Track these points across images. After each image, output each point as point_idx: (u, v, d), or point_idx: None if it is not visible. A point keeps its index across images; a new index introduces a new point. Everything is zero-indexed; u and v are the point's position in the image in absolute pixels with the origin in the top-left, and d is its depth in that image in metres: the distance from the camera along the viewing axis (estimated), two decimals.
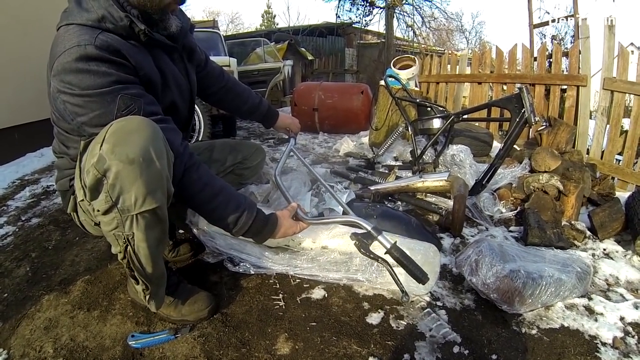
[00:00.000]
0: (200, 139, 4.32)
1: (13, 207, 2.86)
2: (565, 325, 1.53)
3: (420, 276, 1.39)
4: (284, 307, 1.61)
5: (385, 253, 1.43)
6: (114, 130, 1.13)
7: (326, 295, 1.67)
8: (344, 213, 1.92)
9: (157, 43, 1.38)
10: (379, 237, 1.43)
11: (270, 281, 1.76)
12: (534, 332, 1.48)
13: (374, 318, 1.53)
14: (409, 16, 13.66)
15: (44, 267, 1.99)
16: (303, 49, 14.54)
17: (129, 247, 1.23)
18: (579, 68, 3.88)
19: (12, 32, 4.04)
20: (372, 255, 1.44)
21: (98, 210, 1.19)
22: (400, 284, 1.41)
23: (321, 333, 1.46)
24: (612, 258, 2.04)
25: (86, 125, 1.22)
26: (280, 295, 1.67)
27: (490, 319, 1.54)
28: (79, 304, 1.67)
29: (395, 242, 1.43)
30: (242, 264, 1.80)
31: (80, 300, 1.69)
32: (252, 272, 1.78)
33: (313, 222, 1.64)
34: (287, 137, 2.21)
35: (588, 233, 2.22)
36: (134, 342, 1.43)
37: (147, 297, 1.38)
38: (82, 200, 1.27)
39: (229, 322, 1.53)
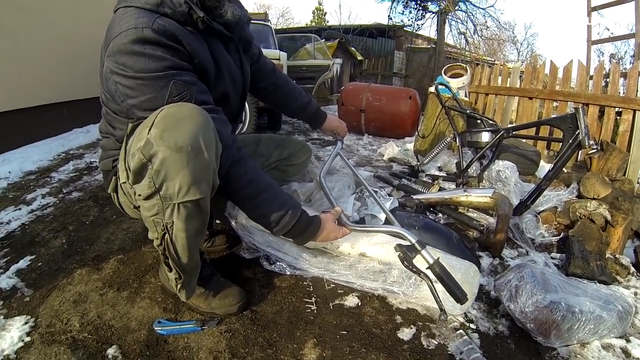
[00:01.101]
0: (245, 130, 4.36)
1: (56, 179, 2.95)
2: None
3: (459, 295, 1.38)
4: (315, 311, 1.60)
5: (427, 268, 1.43)
6: (164, 115, 1.13)
7: (360, 304, 1.66)
8: (387, 221, 1.92)
9: (214, 32, 1.38)
10: (422, 252, 1.43)
11: (304, 283, 1.76)
12: None
13: (406, 333, 1.51)
14: (462, 23, 13.41)
15: (80, 242, 2.04)
16: (353, 48, 14.48)
17: (166, 234, 1.24)
18: (637, 91, 3.73)
19: (65, 11, 4.17)
20: (414, 269, 1.44)
21: (139, 195, 1.20)
22: (440, 301, 1.40)
23: (350, 343, 1.45)
24: None
25: (136, 107, 1.23)
26: (313, 298, 1.67)
27: (523, 350, 1.50)
28: (109, 282, 1.70)
29: (438, 258, 1.42)
30: (278, 263, 1.80)
31: (111, 279, 1.72)
32: (288, 273, 1.77)
33: (356, 229, 1.63)
34: (333, 139, 2.20)
35: (632, 269, 2.12)
36: (159, 328, 1.44)
37: (179, 286, 1.40)
38: (125, 182, 1.27)
39: (258, 321, 1.53)
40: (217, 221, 2.09)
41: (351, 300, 1.67)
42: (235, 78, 1.54)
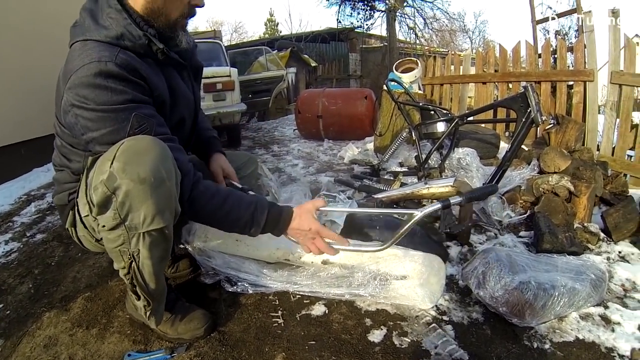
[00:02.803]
0: None
1: (19, 223, 2.87)
2: (580, 337, 1.44)
3: (490, 190, 1.56)
4: (282, 324, 1.55)
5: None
6: (124, 149, 1.14)
7: (327, 311, 1.60)
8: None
9: (171, 61, 1.41)
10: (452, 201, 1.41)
11: (270, 298, 1.70)
12: (546, 346, 1.40)
13: (376, 335, 1.46)
14: (411, 18, 13.63)
15: (46, 284, 2.00)
16: (306, 55, 14.58)
17: (133, 263, 1.25)
18: (584, 63, 3.78)
19: (15, 48, 4.06)
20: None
21: (104, 226, 1.20)
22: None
23: (320, 352, 1.39)
24: (628, 261, 1.95)
25: (96, 141, 1.22)
26: (280, 312, 1.62)
27: (499, 334, 1.46)
28: (78, 321, 1.67)
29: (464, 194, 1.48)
30: (239, 283, 1.74)
31: (79, 318, 1.69)
32: (250, 291, 1.72)
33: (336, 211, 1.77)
34: None
35: (602, 235, 2.12)
36: None
37: (148, 313, 1.38)
38: (87, 215, 1.28)
39: (226, 341, 1.48)
40: (181, 245, 2.02)
41: (318, 309, 1.61)
42: (189, 104, 1.57)
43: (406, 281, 1.56)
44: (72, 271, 2.09)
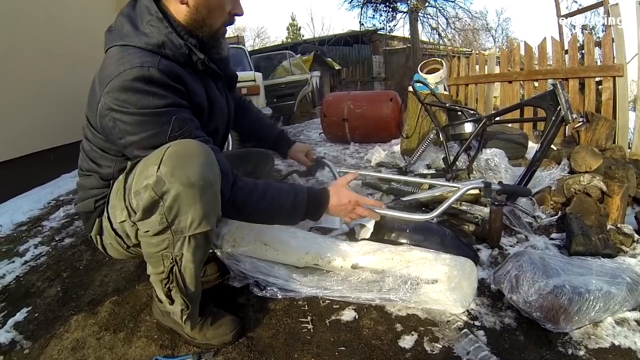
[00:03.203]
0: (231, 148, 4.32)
1: (48, 227, 2.92)
2: (616, 343, 1.39)
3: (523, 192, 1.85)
4: (312, 330, 1.53)
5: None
6: (171, 153, 1.16)
7: (357, 316, 1.59)
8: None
9: (209, 71, 1.44)
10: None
11: (299, 303, 1.69)
12: (581, 353, 1.36)
13: (407, 341, 1.44)
14: (433, 18, 13.52)
15: (74, 287, 2.02)
16: (329, 59, 14.61)
17: (175, 267, 1.27)
18: (613, 57, 3.69)
19: (44, 60, 4.15)
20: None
21: (147, 231, 1.22)
22: None
23: (350, 358, 1.38)
24: None
25: (135, 145, 1.24)
26: (309, 317, 1.60)
27: (533, 340, 1.42)
28: (105, 325, 1.68)
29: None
30: (268, 288, 1.73)
31: (107, 322, 1.70)
32: (279, 296, 1.71)
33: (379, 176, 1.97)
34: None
35: (636, 237, 2.05)
36: None
37: (184, 317, 1.40)
38: (123, 221, 1.31)
39: (255, 347, 1.47)
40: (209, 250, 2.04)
41: (348, 314, 1.60)
42: (224, 113, 1.60)
43: (437, 285, 1.54)
44: (99, 275, 2.11)
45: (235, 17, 1.44)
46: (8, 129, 3.67)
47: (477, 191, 2.25)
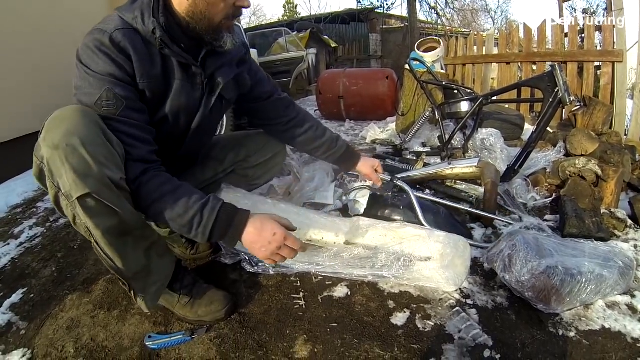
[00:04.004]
0: (223, 132, 4.19)
1: (42, 208, 2.90)
2: (607, 326, 1.40)
3: None
4: (304, 306, 1.54)
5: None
6: (50, 119, 1.16)
7: (349, 293, 1.59)
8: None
9: (176, 57, 1.34)
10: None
11: (292, 279, 1.69)
12: (572, 334, 1.36)
13: (399, 318, 1.44)
14: None
15: (69, 267, 2.02)
16: (326, 36, 14.43)
17: (92, 239, 1.20)
18: (613, 43, 3.66)
19: (37, 42, 4.07)
20: None
21: (53, 202, 1.19)
22: None
23: (342, 335, 1.39)
24: None
25: (75, 96, 1.24)
26: (301, 293, 1.61)
27: (524, 320, 1.43)
28: (100, 303, 1.69)
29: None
30: (260, 264, 1.72)
31: (101, 300, 1.70)
32: (272, 272, 1.71)
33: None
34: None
35: (629, 222, 2.05)
36: (150, 343, 1.43)
37: (132, 295, 1.34)
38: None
39: (247, 323, 1.48)
40: None
41: (340, 291, 1.60)
42: (188, 109, 1.44)
43: (430, 263, 1.54)
44: (93, 254, 2.04)
45: (242, 10, 1.37)
46: (0, 111, 3.63)
47: (472, 169, 2.25)
